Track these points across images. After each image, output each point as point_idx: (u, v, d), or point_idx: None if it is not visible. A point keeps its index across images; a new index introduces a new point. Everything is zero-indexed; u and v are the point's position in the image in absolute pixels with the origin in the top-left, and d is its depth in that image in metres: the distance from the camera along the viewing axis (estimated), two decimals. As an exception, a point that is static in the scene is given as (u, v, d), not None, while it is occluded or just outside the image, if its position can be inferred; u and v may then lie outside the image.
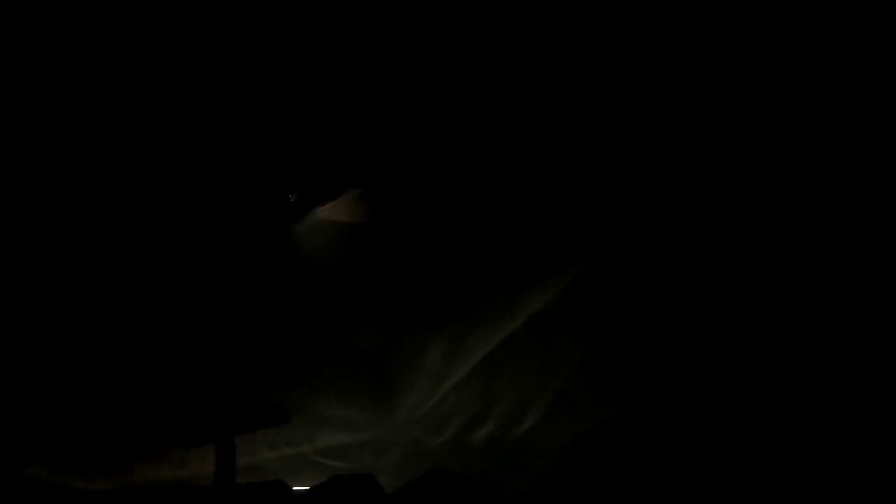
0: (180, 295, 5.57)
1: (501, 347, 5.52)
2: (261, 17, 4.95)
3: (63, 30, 4.57)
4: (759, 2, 4.01)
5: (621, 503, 3.97)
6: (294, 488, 4.64)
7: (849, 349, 3.63)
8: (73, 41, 4.62)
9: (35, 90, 4.74)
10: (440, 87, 5.13)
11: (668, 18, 4.30)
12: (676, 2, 4.27)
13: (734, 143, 4.30)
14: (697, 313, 4.47)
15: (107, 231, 5.35)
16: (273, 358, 5.76)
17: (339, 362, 5.77)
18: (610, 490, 4.06)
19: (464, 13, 4.84)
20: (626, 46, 4.50)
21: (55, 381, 5.34)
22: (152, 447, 5.50)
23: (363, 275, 5.75)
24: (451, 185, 5.44)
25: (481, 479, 4.40)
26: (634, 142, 4.73)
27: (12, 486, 5.05)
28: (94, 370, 5.42)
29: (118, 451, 5.49)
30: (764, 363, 3.90)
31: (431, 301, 5.65)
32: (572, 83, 4.77)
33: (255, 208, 5.61)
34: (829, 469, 3.38)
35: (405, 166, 5.50)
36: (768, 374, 3.86)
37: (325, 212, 5.69)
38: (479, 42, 4.84)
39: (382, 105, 5.30)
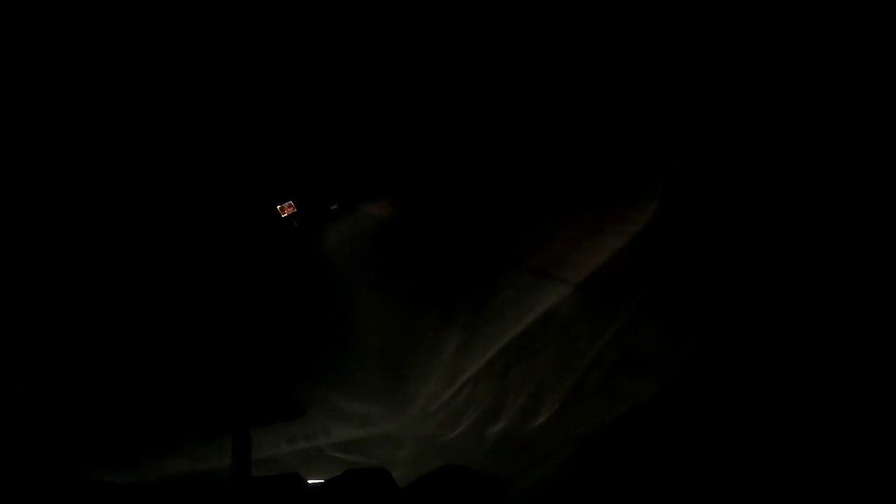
0: (199, 290, 5.62)
1: (516, 342, 5.51)
2: (293, 28, 4.98)
3: (64, 30, 4.60)
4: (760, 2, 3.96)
5: (635, 499, 3.95)
6: (309, 481, 4.65)
7: (860, 351, 3.57)
8: (75, 41, 4.66)
9: (35, 90, 4.78)
10: (457, 87, 5.12)
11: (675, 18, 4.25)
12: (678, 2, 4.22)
13: (744, 150, 4.24)
14: (713, 310, 4.42)
15: (130, 229, 5.40)
16: (290, 352, 5.79)
17: (356, 356, 5.79)
18: (624, 486, 4.04)
19: (486, 18, 4.83)
20: (642, 41, 4.46)
21: (74, 374, 5.40)
22: (169, 440, 5.55)
23: (379, 269, 5.76)
24: (466, 180, 5.43)
25: (496, 473, 4.38)
26: (652, 140, 4.69)
27: (30, 479, 5.12)
28: (112, 364, 5.48)
29: (135, 445, 5.55)
30: (778, 362, 3.85)
31: (446, 295, 5.65)
32: (583, 82, 4.74)
33: (273, 206, 5.64)
34: (840, 467, 3.33)
35: (421, 162, 5.49)
36: (782, 374, 3.80)
37: (343, 208, 5.72)
38: (488, 44, 4.83)
39: (400, 103, 5.30)
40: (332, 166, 5.65)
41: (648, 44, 4.45)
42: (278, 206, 5.59)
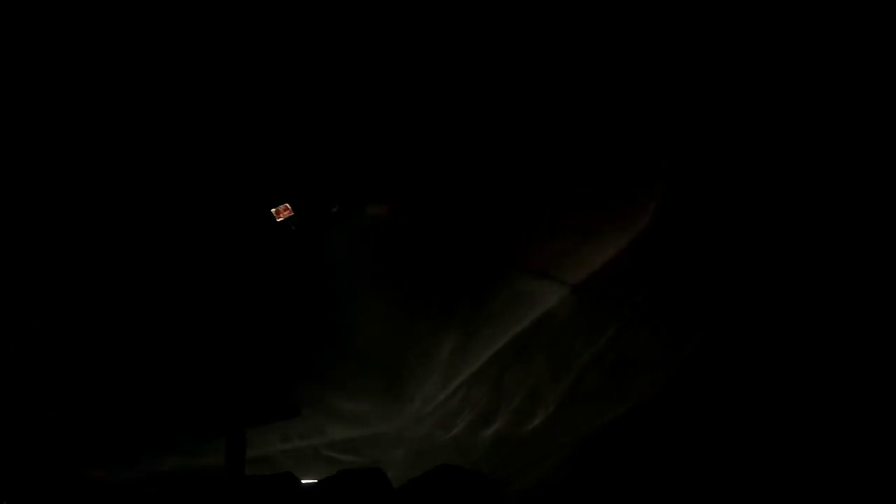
0: (195, 291, 5.61)
1: (512, 344, 5.47)
2: (291, 29, 4.99)
3: (65, 30, 4.61)
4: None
5: (630, 500, 3.90)
6: (303, 481, 4.63)
7: (860, 351, 3.53)
8: (86, 42, 4.66)
9: (36, 90, 4.78)
10: (457, 88, 5.11)
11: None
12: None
13: (747, 155, 4.22)
14: (707, 312, 4.38)
15: (129, 230, 5.41)
16: (286, 352, 5.78)
17: (351, 357, 5.77)
18: (618, 487, 3.99)
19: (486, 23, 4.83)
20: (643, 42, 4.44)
21: (72, 375, 5.40)
22: (165, 439, 5.54)
23: (376, 271, 5.74)
24: (465, 182, 5.40)
25: (490, 475, 4.34)
26: (652, 140, 4.66)
27: (33, 478, 5.13)
28: (110, 364, 5.48)
29: (132, 443, 5.54)
30: (773, 363, 3.81)
31: (443, 297, 5.62)
32: (583, 82, 4.72)
33: (269, 208, 5.64)
34: (840, 467, 3.28)
35: (420, 164, 5.47)
36: (777, 375, 3.76)
37: (343, 210, 5.71)
38: (488, 45, 4.83)
39: (399, 104, 5.29)
40: (333, 169, 5.63)
41: (648, 44, 4.43)
42: (273, 210, 5.54)
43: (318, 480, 4.56)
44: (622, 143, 4.79)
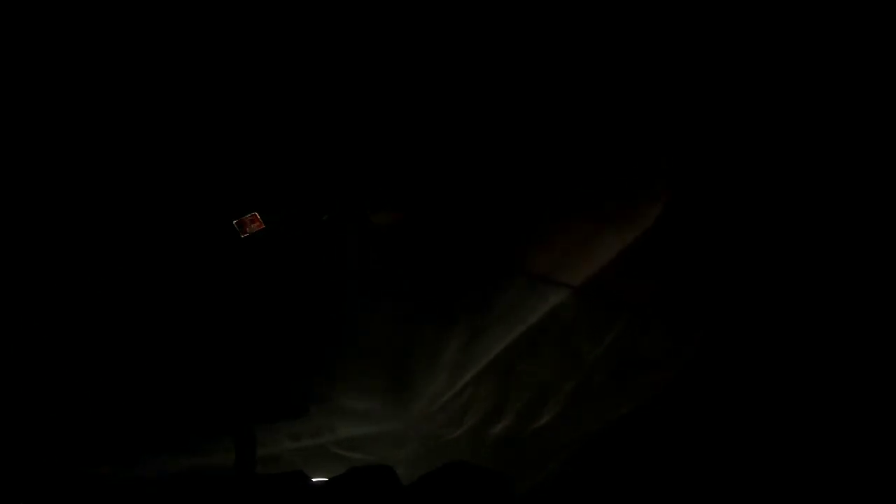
0: (203, 288, 5.63)
1: (519, 342, 5.51)
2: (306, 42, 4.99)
3: (64, 30, 4.61)
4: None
5: (636, 500, 3.95)
6: (313, 479, 4.67)
7: (860, 351, 3.58)
8: (79, 42, 4.66)
9: (35, 90, 4.78)
10: (457, 89, 5.13)
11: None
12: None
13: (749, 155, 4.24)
14: (710, 311, 4.42)
15: (136, 228, 5.42)
16: (294, 350, 5.79)
17: (359, 355, 5.79)
18: (625, 486, 4.05)
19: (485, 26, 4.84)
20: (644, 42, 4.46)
21: (79, 373, 5.43)
22: (174, 438, 5.56)
23: (382, 271, 5.76)
24: (469, 182, 5.43)
25: (498, 473, 4.39)
26: (652, 140, 4.69)
27: (40, 475, 5.16)
28: (118, 362, 5.50)
29: (142, 443, 5.56)
30: (779, 361, 3.85)
31: (451, 295, 5.64)
32: (583, 83, 4.74)
33: (275, 204, 5.64)
34: (840, 467, 3.34)
35: (424, 163, 5.49)
36: (780, 374, 3.81)
37: (347, 209, 5.72)
38: (487, 46, 4.84)
39: (399, 106, 5.31)
40: (330, 174, 5.63)
41: (648, 44, 4.44)
42: (234, 222, 5.33)
43: (329, 479, 4.61)
44: (622, 144, 4.82)
